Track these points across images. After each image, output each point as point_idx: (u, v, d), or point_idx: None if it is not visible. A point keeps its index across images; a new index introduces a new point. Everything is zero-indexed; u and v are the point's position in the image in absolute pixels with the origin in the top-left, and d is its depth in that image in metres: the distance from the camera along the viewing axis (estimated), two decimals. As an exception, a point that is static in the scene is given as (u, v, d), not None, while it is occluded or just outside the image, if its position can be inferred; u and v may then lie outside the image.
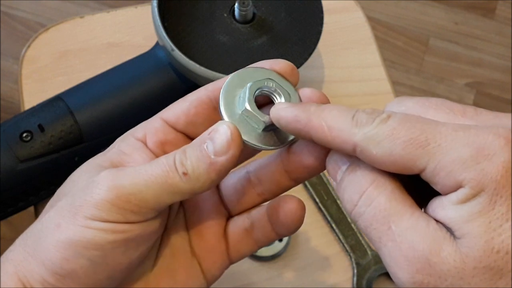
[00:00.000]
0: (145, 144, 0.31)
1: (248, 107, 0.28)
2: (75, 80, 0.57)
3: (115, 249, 0.27)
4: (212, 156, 0.27)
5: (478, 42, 1.44)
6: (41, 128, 0.45)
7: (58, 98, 0.47)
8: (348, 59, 0.51)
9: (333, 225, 0.52)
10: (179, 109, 0.31)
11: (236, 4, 0.48)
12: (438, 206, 0.24)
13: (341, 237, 0.51)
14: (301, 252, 0.52)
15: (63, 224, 0.27)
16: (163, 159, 0.28)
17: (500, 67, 1.41)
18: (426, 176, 0.24)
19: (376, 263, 0.50)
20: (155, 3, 0.47)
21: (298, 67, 0.47)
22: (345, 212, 0.52)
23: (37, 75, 0.57)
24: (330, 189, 0.53)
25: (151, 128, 0.31)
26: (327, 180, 0.53)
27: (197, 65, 0.45)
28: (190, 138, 0.31)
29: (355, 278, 0.50)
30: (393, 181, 0.25)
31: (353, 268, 0.50)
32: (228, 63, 0.47)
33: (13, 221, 1.15)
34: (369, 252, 0.51)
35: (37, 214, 0.51)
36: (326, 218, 0.52)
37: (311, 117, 0.26)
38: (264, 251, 0.50)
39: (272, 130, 0.29)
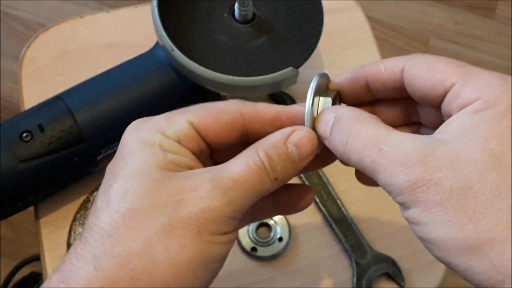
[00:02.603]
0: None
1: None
2: (75, 80, 0.57)
3: (226, 258, 0.29)
4: (297, 161, 0.29)
5: (478, 42, 1.44)
6: (41, 128, 0.45)
7: (58, 98, 0.47)
8: (348, 59, 0.51)
9: (333, 225, 0.52)
10: (212, 120, 0.30)
11: (236, 4, 0.48)
12: (451, 120, 0.27)
13: (341, 237, 0.51)
14: (301, 252, 0.51)
15: (189, 244, 0.26)
16: (252, 164, 0.28)
17: (500, 67, 1.41)
18: (453, 91, 0.27)
19: (376, 263, 0.50)
20: (155, 3, 0.47)
21: (298, 67, 0.47)
22: (345, 212, 0.52)
23: (37, 75, 0.57)
24: (330, 189, 0.53)
25: (183, 133, 0.29)
26: (327, 180, 0.53)
27: (197, 65, 0.45)
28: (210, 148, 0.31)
29: (355, 278, 0.50)
30: (376, 118, 0.29)
31: (353, 268, 0.50)
32: (228, 63, 0.47)
33: (13, 221, 1.16)
34: (369, 252, 0.51)
35: (37, 214, 0.51)
36: (326, 218, 0.52)
37: (367, 65, 0.31)
38: (264, 251, 0.50)
39: None
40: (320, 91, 0.32)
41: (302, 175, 0.53)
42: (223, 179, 0.27)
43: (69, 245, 0.50)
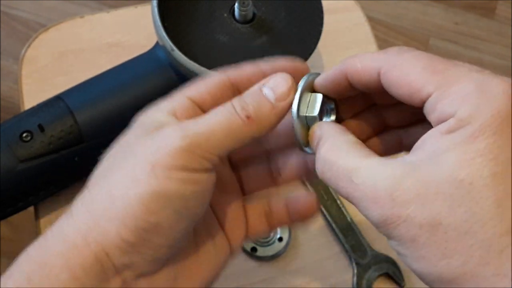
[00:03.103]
0: (176, 116, 0.31)
1: (317, 116, 0.31)
2: (75, 80, 0.57)
3: (195, 201, 0.28)
4: (273, 101, 0.30)
5: (478, 42, 1.44)
6: (41, 128, 0.45)
7: (58, 98, 0.47)
8: (348, 59, 0.51)
9: (333, 225, 0.52)
10: (205, 90, 0.31)
11: (236, 4, 0.48)
12: (427, 137, 0.26)
13: (341, 237, 0.51)
14: (301, 252, 0.52)
15: (143, 179, 0.27)
16: (221, 108, 0.29)
17: (500, 67, 1.41)
18: (429, 102, 0.26)
19: (376, 263, 0.50)
20: (155, 3, 0.47)
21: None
22: (345, 212, 0.52)
23: (37, 75, 0.57)
24: (330, 189, 0.53)
25: (181, 106, 0.31)
26: (327, 180, 0.53)
27: (197, 65, 0.45)
28: None
29: (355, 278, 0.50)
30: (348, 140, 0.28)
31: (353, 268, 0.50)
32: (228, 63, 0.47)
33: (13, 221, 1.16)
34: (369, 252, 0.51)
35: (37, 214, 0.51)
36: (326, 219, 0.52)
37: (346, 62, 0.30)
38: (264, 251, 0.50)
39: None
40: (311, 89, 0.32)
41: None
42: (189, 125, 0.29)
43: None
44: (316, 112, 0.31)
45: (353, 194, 0.26)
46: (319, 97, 0.31)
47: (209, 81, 0.32)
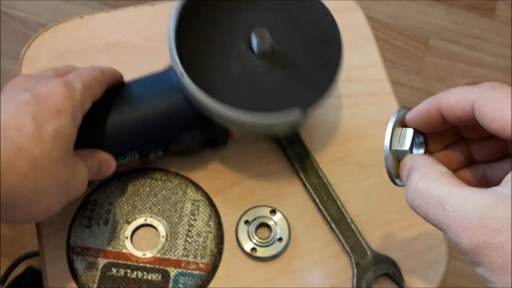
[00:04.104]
0: None
1: (408, 150, 0.34)
2: (75, 80, 0.57)
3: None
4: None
5: (478, 42, 1.44)
6: None
7: None
8: (348, 59, 0.51)
9: (333, 225, 0.52)
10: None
11: (254, 37, 0.46)
12: None
13: (341, 237, 0.51)
14: (301, 252, 0.51)
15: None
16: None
17: (500, 67, 1.41)
18: None
19: (376, 264, 0.50)
20: (173, 25, 0.46)
21: (306, 108, 0.45)
22: (345, 213, 0.52)
23: (36, 75, 0.57)
24: (330, 190, 0.53)
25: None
26: (327, 181, 0.53)
27: (204, 95, 0.43)
28: None
29: (355, 279, 0.50)
30: (439, 170, 0.29)
31: (353, 269, 0.50)
32: (237, 96, 0.45)
33: (13, 221, 1.15)
34: (369, 253, 0.51)
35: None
36: (326, 219, 0.52)
37: (439, 97, 0.32)
38: (264, 252, 0.50)
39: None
40: (401, 124, 0.34)
41: (301, 175, 0.53)
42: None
43: (68, 245, 0.50)
44: (407, 146, 0.33)
45: (444, 221, 0.27)
46: (410, 131, 0.33)
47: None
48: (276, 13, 0.49)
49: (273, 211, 0.52)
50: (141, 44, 0.60)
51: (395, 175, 0.34)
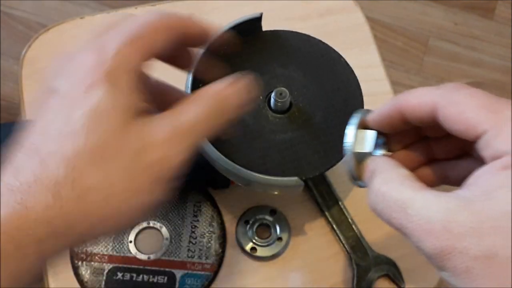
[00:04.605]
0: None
1: (370, 152, 0.34)
2: (76, 81, 0.57)
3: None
4: (238, 102, 0.34)
5: (477, 42, 1.44)
6: None
7: None
8: (348, 59, 0.51)
9: (334, 225, 0.52)
10: (152, 33, 0.33)
11: (273, 94, 0.43)
12: (481, 174, 0.27)
13: (341, 238, 0.51)
14: (301, 252, 0.52)
15: (145, 189, 0.29)
16: (204, 109, 0.32)
17: (499, 68, 1.41)
18: (484, 139, 0.27)
19: (376, 265, 0.50)
20: (196, 60, 0.42)
21: (305, 179, 0.42)
22: (346, 214, 0.52)
23: (37, 76, 0.57)
24: (332, 189, 0.53)
25: (137, 68, 0.32)
26: (329, 181, 0.53)
27: (209, 144, 0.42)
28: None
29: (355, 280, 0.50)
30: (402, 173, 0.29)
31: (353, 269, 0.50)
32: (240, 150, 0.43)
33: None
34: (369, 254, 0.51)
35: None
36: (327, 219, 0.52)
37: (399, 98, 0.31)
38: (264, 251, 0.51)
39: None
40: (363, 125, 0.34)
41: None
42: (181, 125, 0.30)
43: (72, 252, 0.50)
44: (369, 148, 0.33)
45: (407, 225, 0.27)
46: (372, 134, 0.33)
47: (149, 22, 0.34)
48: (302, 71, 0.46)
49: (273, 211, 0.52)
50: (142, 44, 0.60)
51: (356, 177, 0.33)
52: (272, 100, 0.44)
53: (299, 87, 0.46)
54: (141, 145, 0.29)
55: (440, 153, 0.34)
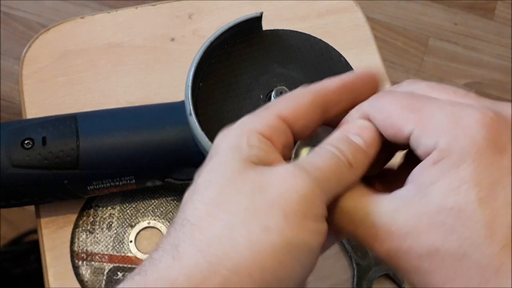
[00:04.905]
0: (272, 143, 0.29)
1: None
2: (76, 81, 0.57)
3: (317, 253, 0.26)
4: (365, 148, 0.29)
5: (477, 42, 1.44)
6: (44, 141, 0.44)
7: (73, 118, 0.46)
8: (348, 60, 0.51)
9: (333, 225, 0.52)
10: (296, 109, 0.29)
11: (273, 93, 0.44)
12: (416, 171, 0.27)
13: (341, 237, 0.51)
14: (301, 252, 0.52)
15: (273, 227, 0.24)
16: (328, 154, 0.28)
17: (499, 68, 1.41)
18: (413, 139, 0.27)
19: (376, 264, 0.50)
20: (195, 62, 0.44)
21: None
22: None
23: (37, 76, 0.57)
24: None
25: (273, 129, 0.28)
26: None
27: (206, 139, 0.42)
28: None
29: (355, 279, 0.50)
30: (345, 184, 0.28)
31: (353, 269, 0.50)
32: None
33: (14, 221, 1.16)
34: (369, 253, 0.51)
35: (37, 213, 0.51)
36: (326, 218, 0.52)
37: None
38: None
39: None
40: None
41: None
42: (305, 166, 0.27)
43: (72, 252, 0.50)
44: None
45: (356, 233, 0.27)
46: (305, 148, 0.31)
47: (300, 99, 0.30)
48: (302, 71, 0.47)
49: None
50: (142, 44, 0.60)
51: None
52: (272, 99, 0.44)
53: (299, 86, 0.46)
54: (261, 183, 0.26)
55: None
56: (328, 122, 0.31)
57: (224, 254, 0.24)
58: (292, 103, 0.29)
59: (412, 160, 0.29)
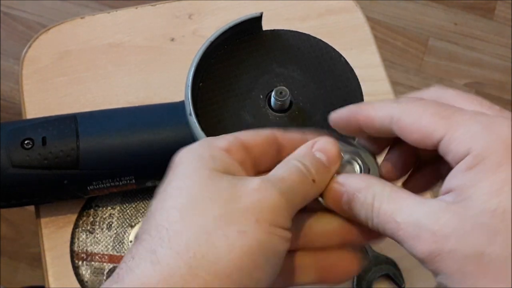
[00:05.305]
0: (231, 156, 0.30)
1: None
2: (76, 81, 0.57)
3: (283, 259, 0.28)
4: (327, 164, 0.31)
5: (477, 42, 1.44)
6: (44, 141, 0.44)
7: (73, 118, 0.46)
8: (348, 59, 0.51)
9: (333, 225, 0.52)
10: (255, 139, 0.31)
11: (273, 93, 0.44)
12: (451, 178, 0.27)
13: (341, 237, 0.51)
14: (301, 252, 0.52)
15: (249, 231, 0.26)
16: (292, 167, 0.30)
17: (499, 68, 1.41)
18: (443, 145, 0.28)
19: (376, 265, 0.50)
20: (195, 62, 0.44)
21: None
22: (345, 212, 0.52)
23: (37, 76, 0.57)
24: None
25: (234, 145, 0.30)
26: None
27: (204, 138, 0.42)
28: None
29: (355, 279, 0.50)
30: (387, 186, 0.30)
31: (353, 268, 0.50)
32: None
33: (14, 221, 1.16)
34: (369, 253, 0.51)
35: (37, 213, 0.51)
36: (326, 218, 0.52)
37: (360, 109, 0.32)
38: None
39: None
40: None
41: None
42: (272, 180, 0.29)
43: (72, 252, 0.50)
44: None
45: (398, 233, 0.28)
46: (356, 164, 0.33)
47: (260, 133, 0.32)
48: (302, 71, 0.47)
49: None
50: (142, 44, 0.60)
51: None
52: (272, 99, 0.44)
53: (299, 86, 0.46)
54: (232, 191, 0.28)
55: (425, 156, 0.34)
56: None
57: (203, 256, 0.25)
58: (251, 134, 0.32)
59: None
